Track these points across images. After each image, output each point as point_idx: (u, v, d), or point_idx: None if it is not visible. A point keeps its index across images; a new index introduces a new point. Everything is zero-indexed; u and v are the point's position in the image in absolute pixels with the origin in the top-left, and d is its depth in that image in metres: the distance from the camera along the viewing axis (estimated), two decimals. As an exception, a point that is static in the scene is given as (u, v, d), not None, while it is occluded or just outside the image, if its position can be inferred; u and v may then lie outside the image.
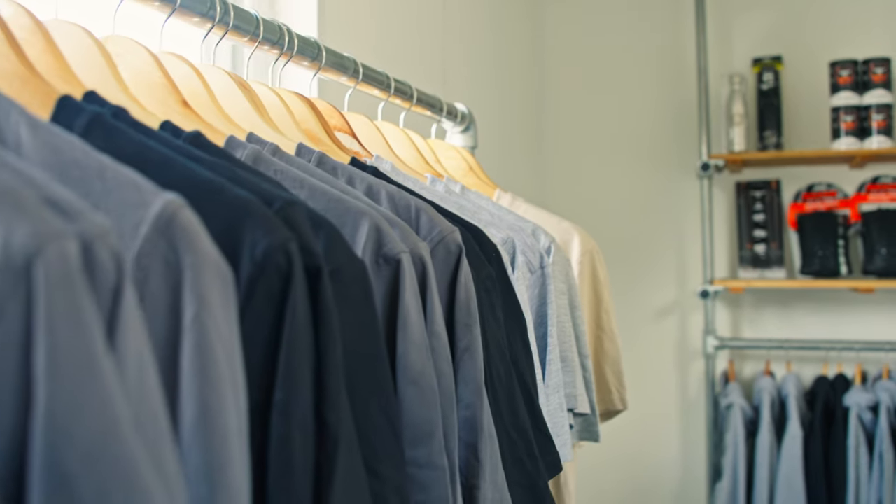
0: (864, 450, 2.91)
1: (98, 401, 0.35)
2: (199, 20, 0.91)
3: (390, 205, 0.82)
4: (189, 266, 0.45)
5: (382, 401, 0.62)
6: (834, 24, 3.27)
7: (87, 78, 0.69)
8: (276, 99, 0.96)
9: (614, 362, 1.52)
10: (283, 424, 0.51)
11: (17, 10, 0.65)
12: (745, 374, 3.36)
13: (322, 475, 0.53)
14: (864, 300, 3.21)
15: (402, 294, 0.69)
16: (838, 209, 3.23)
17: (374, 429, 0.61)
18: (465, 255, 0.81)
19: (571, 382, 1.23)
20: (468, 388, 0.78)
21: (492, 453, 0.80)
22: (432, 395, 0.69)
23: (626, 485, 3.44)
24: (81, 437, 0.34)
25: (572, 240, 1.48)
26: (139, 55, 0.78)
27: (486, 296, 0.89)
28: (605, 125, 3.53)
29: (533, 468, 0.91)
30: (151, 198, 0.46)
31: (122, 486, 0.35)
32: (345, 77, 1.19)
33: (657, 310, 3.46)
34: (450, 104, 1.56)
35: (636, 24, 3.49)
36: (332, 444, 0.53)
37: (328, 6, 1.65)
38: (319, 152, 0.85)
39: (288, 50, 1.02)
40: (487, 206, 1.24)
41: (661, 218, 3.46)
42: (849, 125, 3.06)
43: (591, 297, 1.50)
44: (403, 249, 0.70)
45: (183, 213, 0.46)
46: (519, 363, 0.96)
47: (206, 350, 0.45)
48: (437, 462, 0.68)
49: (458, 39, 2.41)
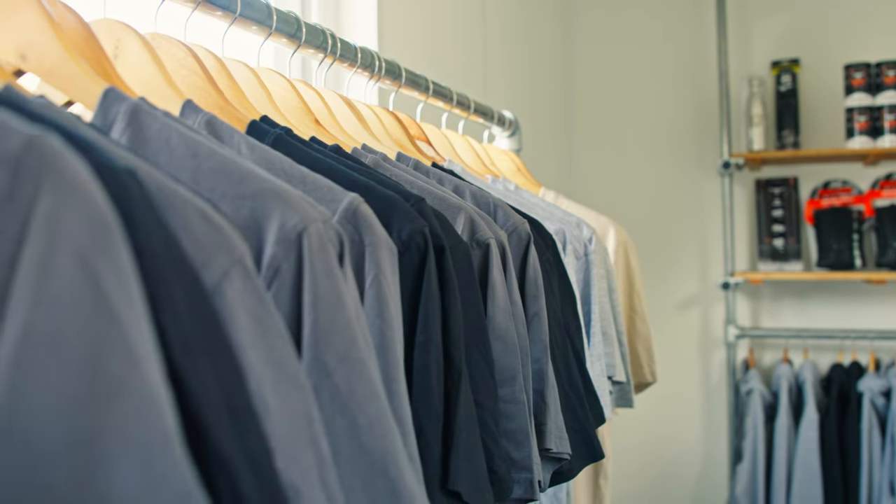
0: (876, 433, 2.97)
1: (344, 322, 0.55)
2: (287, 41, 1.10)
3: (473, 201, 1.02)
4: (368, 243, 0.65)
5: (482, 348, 0.82)
6: (848, 28, 3.33)
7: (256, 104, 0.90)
8: (371, 113, 1.16)
9: (645, 340, 1.72)
10: (423, 358, 0.71)
11: (206, 54, 0.86)
12: (765, 361, 3.43)
13: (450, 396, 0.73)
14: (877, 291, 3.28)
15: (490, 270, 0.89)
16: (853, 205, 3.28)
17: (476, 369, 0.81)
18: (532, 242, 1.01)
19: (611, 353, 1.42)
20: (537, 346, 0.98)
21: (554, 399, 1.00)
22: (514, 348, 0.89)
23: (652, 466, 3.52)
24: (336, 345, 0.55)
25: (608, 232, 1.67)
26: (280, 83, 0.98)
27: (546, 275, 1.09)
28: (631, 126, 3.61)
29: (584, 417, 1.10)
30: (341, 195, 0.66)
31: (361, 377, 0.55)
32: (416, 92, 1.39)
33: (681, 301, 3.54)
34: (499, 112, 1.76)
35: (660, 31, 3.57)
36: (456, 374, 0.73)
37: (386, 25, 1.85)
38: (415, 159, 1.06)
39: (378, 71, 1.22)
40: (538, 202, 1.44)
41: (684, 213, 3.53)
42: (862, 125, 3.12)
43: (625, 283, 1.70)
44: (490, 236, 0.90)
45: (363, 206, 0.66)
46: (571, 331, 1.16)
47: (382, 300, 0.65)
48: (519, 398, 0.88)
49: (497, 50, 2.59)
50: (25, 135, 0.38)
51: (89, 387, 0.35)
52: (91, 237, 0.37)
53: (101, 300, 0.36)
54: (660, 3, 3.60)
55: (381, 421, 0.55)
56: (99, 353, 0.35)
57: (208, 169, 0.57)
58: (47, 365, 0.35)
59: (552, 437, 0.96)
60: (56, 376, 0.35)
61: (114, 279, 0.36)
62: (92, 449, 0.35)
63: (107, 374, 0.35)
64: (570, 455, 1.01)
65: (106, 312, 0.36)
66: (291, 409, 0.48)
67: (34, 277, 0.36)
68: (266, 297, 0.48)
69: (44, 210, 0.37)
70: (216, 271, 0.46)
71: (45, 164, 0.37)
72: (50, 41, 0.64)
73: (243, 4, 0.92)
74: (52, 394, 0.35)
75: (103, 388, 0.35)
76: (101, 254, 0.37)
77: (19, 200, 0.37)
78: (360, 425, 0.55)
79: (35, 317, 0.36)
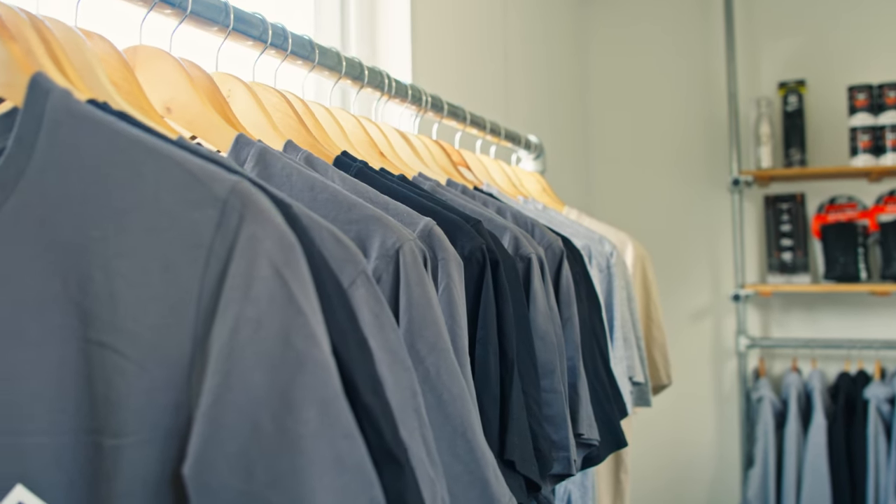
0: (882, 438, 3.04)
1: (432, 320, 0.71)
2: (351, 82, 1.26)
3: (514, 221, 1.18)
4: (441, 258, 0.81)
5: (528, 345, 0.97)
6: (852, 51, 3.42)
7: (334, 140, 1.05)
8: (420, 143, 1.32)
9: (661, 346, 1.86)
10: (483, 351, 0.86)
11: (293, 98, 1.01)
12: (775, 370, 3.52)
13: (504, 383, 0.88)
14: (882, 303, 3.37)
15: (532, 280, 1.04)
16: (858, 220, 3.36)
17: (522, 363, 0.96)
18: (565, 257, 1.16)
19: (631, 356, 1.57)
20: (570, 345, 1.13)
21: (585, 392, 1.14)
22: (552, 347, 1.04)
23: (667, 470, 3.62)
24: (426, 337, 0.70)
25: (627, 247, 1.82)
26: (349, 120, 1.14)
27: (575, 286, 1.24)
28: (644, 146, 3.73)
29: (609, 410, 1.25)
30: (417, 219, 0.82)
31: (446, 363, 0.71)
32: (455, 121, 1.55)
33: (693, 312, 3.64)
34: (526, 137, 1.92)
35: (671, 55, 3.70)
36: (510, 365, 0.88)
37: (418, 54, 2.01)
38: (462, 185, 1.21)
39: (424, 105, 1.38)
40: (564, 221, 1.59)
41: (696, 229, 3.65)
42: (865, 143, 3.22)
43: (642, 294, 1.84)
44: (532, 251, 1.06)
45: (435, 227, 0.82)
46: (597, 335, 1.31)
47: (452, 304, 0.80)
48: (557, 388, 1.03)
49: (517, 76, 2.74)
50: (230, 181, 0.54)
51: (282, 357, 0.51)
52: (281, 252, 0.52)
53: (289, 298, 0.51)
54: (670, 29, 3.72)
55: (461, 397, 0.71)
56: (289, 334, 0.51)
57: (323, 199, 0.73)
58: (254, 340, 0.51)
59: (584, 423, 1.11)
60: (259, 348, 0.51)
61: (298, 283, 0.52)
62: (285, 398, 0.50)
63: (295, 348, 0.51)
64: (598, 441, 1.15)
65: (294, 306, 0.51)
66: (400, 385, 0.63)
67: (242, 281, 0.52)
68: (382, 299, 0.64)
69: (246, 235, 0.52)
70: (347, 279, 0.61)
71: (245, 202, 0.53)
72: (191, 97, 0.79)
73: (318, 51, 1.08)
74: (257, 359, 0.50)
75: (293, 358, 0.51)
76: (288, 265, 0.52)
77: (226, 229, 0.53)
78: (446, 400, 0.70)
79: (244, 309, 0.51)
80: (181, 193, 0.54)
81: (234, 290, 0.52)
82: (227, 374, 0.50)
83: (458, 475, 0.70)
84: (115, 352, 0.54)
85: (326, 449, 0.50)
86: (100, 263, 0.55)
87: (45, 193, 0.57)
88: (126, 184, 0.55)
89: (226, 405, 0.50)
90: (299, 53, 1.04)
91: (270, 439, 0.49)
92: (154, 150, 0.56)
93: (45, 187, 0.57)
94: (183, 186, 0.54)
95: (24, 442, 0.56)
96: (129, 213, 0.55)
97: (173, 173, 0.54)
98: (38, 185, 0.57)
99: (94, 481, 0.56)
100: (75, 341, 0.56)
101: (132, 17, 0.93)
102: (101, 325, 0.55)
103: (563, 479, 1.05)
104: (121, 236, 0.55)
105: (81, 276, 0.56)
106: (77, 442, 0.56)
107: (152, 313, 0.54)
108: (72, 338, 0.56)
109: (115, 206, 0.55)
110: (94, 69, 0.67)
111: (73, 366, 0.56)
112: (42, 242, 0.57)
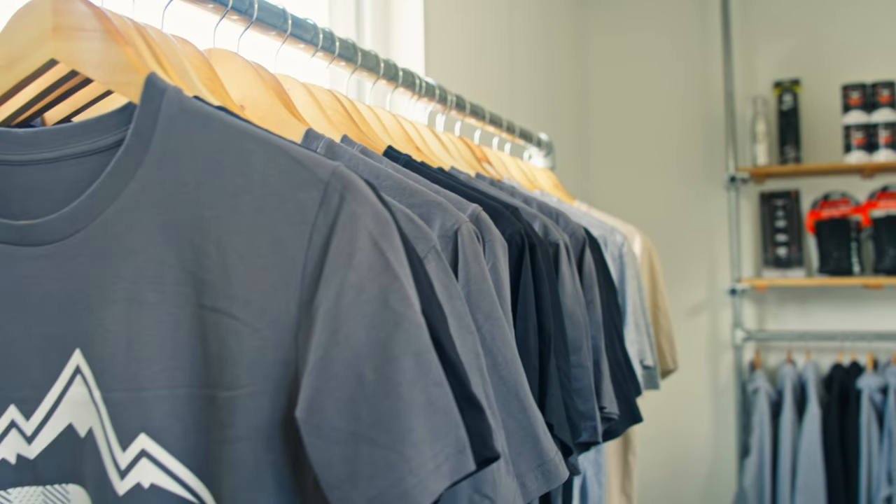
0: (874, 427, 3.15)
1: (487, 292, 0.79)
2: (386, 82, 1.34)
3: (540, 210, 1.26)
4: (488, 240, 0.89)
5: (559, 323, 1.06)
6: (845, 51, 3.52)
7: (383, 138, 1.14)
8: (448, 140, 1.40)
9: (667, 334, 1.95)
10: (523, 325, 0.95)
11: (340, 96, 1.10)
12: (770, 362, 3.61)
13: (542, 354, 0.96)
14: (874, 296, 3.46)
15: (560, 264, 1.13)
16: (851, 215, 3.45)
17: (555, 338, 1.04)
18: (587, 244, 1.25)
19: (641, 341, 1.66)
20: (593, 325, 1.22)
21: (606, 369, 1.23)
22: (579, 325, 1.12)
23: (666, 459, 3.70)
24: (483, 308, 0.78)
25: (635, 239, 1.91)
26: (387, 117, 1.22)
27: (594, 271, 1.33)
28: (643, 143, 3.81)
29: (626, 388, 1.34)
30: (466, 205, 0.90)
31: (500, 330, 0.79)
32: (475, 119, 1.64)
33: (691, 306, 3.72)
34: (537, 135, 2.01)
35: (669, 55, 3.79)
36: (547, 338, 0.97)
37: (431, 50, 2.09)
38: (489, 178, 1.30)
39: (449, 105, 1.47)
40: (579, 213, 1.67)
41: (693, 225, 3.74)
42: (859, 141, 3.31)
43: (649, 283, 1.93)
44: (559, 238, 1.14)
45: (482, 213, 0.90)
46: (614, 318, 1.39)
47: (498, 281, 0.88)
48: (584, 364, 1.11)
49: (520, 73, 2.83)
50: (332, 165, 0.62)
51: (382, 316, 0.59)
52: (378, 226, 0.61)
53: (386, 265, 0.60)
54: (668, 30, 3.80)
55: (514, 360, 0.79)
56: (387, 297, 0.59)
57: (388, 187, 0.81)
58: (357, 303, 0.59)
59: (606, 397, 1.20)
60: (362, 309, 0.59)
61: (393, 253, 0.60)
62: (385, 351, 0.58)
63: (392, 309, 0.59)
64: (617, 416, 1.24)
65: (391, 273, 0.60)
66: (466, 347, 0.72)
67: (345, 252, 0.60)
68: (450, 271, 0.72)
69: (347, 212, 0.61)
70: (420, 253, 0.70)
71: (346, 184, 0.61)
72: (262, 95, 0.87)
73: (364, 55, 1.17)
74: (360, 319, 0.59)
75: (391, 317, 0.59)
76: (384, 237, 0.60)
77: (328, 207, 0.61)
78: (500, 363, 0.78)
79: (347, 276, 0.60)
80: (287, 177, 0.62)
81: (339, 260, 0.60)
82: (335, 332, 0.58)
83: (513, 431, 0.79)
84: (230, 316, 0.62)
85: (420, 394, 0.58)
86: (213, 239, 0.63)
87: (162, 179, 0.65)
88: (236, 170, 0.63)
89: (334, 358, 0.58)
90: (344, 55, 1.13)
91: (373, 387, 0.58)
92: (261, 139, 0.64)
93: (161, 174, 0.65)
94: (289, 171, 0.62)
95: (145, 396, 0.64)
96: (240, 195, 0.63)
97: (279, 160, 0.63)
98: (155, 171, 0.65)
99: (207, 429, 0.64)
100: (190, 307, 0.64)
101: (185, 20, 1.02)
102: (215, 293, 0.63)
103: (588, 447, 1.14)
104: (233, 215, 0.63)
105: (196, 251, 0.64)
106: (191, 395, 0.65)
107: (262, 282, 0.62)
108: (186, 304, 0.64)
109: (227, 189, 0.63)
110: (187, 70, 0.76)
111: (187, 328, 0.64)
112: (159, 222, 0.65)
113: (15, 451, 0.69)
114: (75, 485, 0.69)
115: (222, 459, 0.63)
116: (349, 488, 0.57)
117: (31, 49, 0.69)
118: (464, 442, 0.59)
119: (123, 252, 0.65)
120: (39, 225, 0.67)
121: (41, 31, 0.68)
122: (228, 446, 0.62)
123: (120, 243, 0.65)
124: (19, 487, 0.69)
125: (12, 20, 0.70)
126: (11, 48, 0.69)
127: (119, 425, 0.65)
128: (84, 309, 0.66)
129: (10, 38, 0.69)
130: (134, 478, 0.64)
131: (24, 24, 0.69)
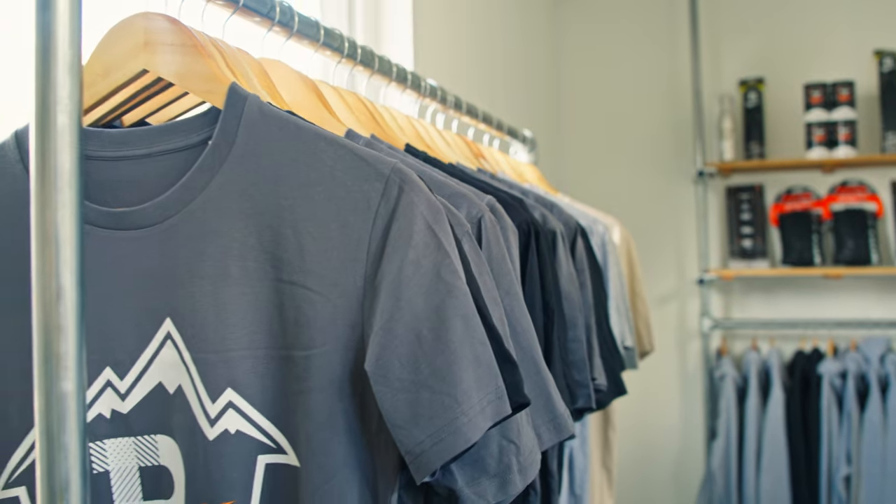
0: (834, 410, 3.27)
1: (507, 270, 0.92)
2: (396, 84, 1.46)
3: (537, 201, 1.39)
4: (501, 227, 1.02)
5: (558, 302, 1.19)
6: (807, 51, 3.63)
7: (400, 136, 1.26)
8: (450, 137, 1.53)
9: (645, 318, 2.09)
10: (531, 301, 1.07)
11: (364, 98, 1.21)
12: (736, 349, 3.73)
13: (547, 328, 1.09)
14: (834, 285, 3.58)
15: (557, 249, 1.26)
16: (813, 209, 3.55)
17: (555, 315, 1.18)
18: (580, 232, 1.38)
19: (622, 324, 1.79)
20: (585, 305, 1.35)
21: (596, 344, 1.36)
22: (574, 304, 1.25)
23: (637, 444, 3.79)
24: (503, 284, 0.91)
25: (615, 229, 2.05)
26: (401, 117, 1.34)
27: (585, 257, 1.46)
28: (614, 139, 3.91)
29: (612, 362, 1.47)
30: (483, 196, 1.03)
31: (518, 304, 0.92)
32: (467, 117, 1.76)
33: (660, 296, 3.82)
34: (522, 132, 2.14)
35: (640, 53, 3.89)
36: (551, 313, 1.10)
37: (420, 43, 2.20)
38: (490, 172, 1.43)
39: (449, 105, 1.59)
40: (564, 204, 1.80)
41: (663, 217, 3.84)
42: (820, 137, 3.43)
43: (628, 271, 2.07)
44: (556, 226, 1.27)
45: (497, 203, 1.03)
46: (601, 300, 1.53)
47: (511, 263, 1.01)
48: (580, 338, 1.24)
49: (499, 69, 2.94)
50: (391, 162, 0.75)
51: (436, 286, 0.72)
52: (431, 213, 0.73)
53: (439, 245, 0.72)
54: (639, 30, 3.91)
55: (529, 329, 0.92)
56: (440, 270, 0.72)
57: (420, 180, 0.94)
58: (415, 275, 0.72)
59: (597, 370, 1.33)
60: (420, 280, 0.71)
61: (444, 234, 0.73)
62: (439, 314, 0.71)
63: (444, 280, 0.72)
64: (605, 387, 1.38)
65: (442, 251, 0.72)
66: (494, 315, 0.84)
67: (405, 234, 0.73)
68: (480, 252, 0.85)
69: (406, 201, 0.73)
70: (457, 236, 0.82)
71: (404, 178, 0.74)
72: (306, 98, 0.99)
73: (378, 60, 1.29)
74: (418, 288, 0.71)
75: (443, 287, 0.72)
76: (437, 221, 0.73)
77: (388, 197, 0.74)
78: (518, 332, 0.91)
79: (406, 253, 0.72)
80: (354, 171, 0.75)
81: (399, 240, 0.72)
82: (397, 299, 0.71)
83: (529, 390, 0.91)
84: (305, 288, 0.75)
85: (468, 350, 0.71)
86: (289, 224, 0.76)
87: (244, 173, 0.77)
88: (310, 165, 0.76)
89: (397, 321, 0.71)
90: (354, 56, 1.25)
91: (429, 344, 0.70)
92: (330, 139, 0.76)
93: (243, 168, 0.77)
94: (354, 166, 0.75)
95: (230, 356, 0.77)
96: (312, 186, 0.75)
97: (346, 157, 0.75)
98: (239, 166, 0.77)
99: (284, 384, 0.76)
100: (269, 281, 0.77)
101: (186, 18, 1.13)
102: (292, 269, 0.76)
103: (582, 415, 1.27)
104: (306, 204, 0.75)
105: (274, 234, 0.76)
106: (268, 356, 0.77)
107: (333, 259, 0.74)
108: (265, 279, 0.77)
109: (301, 181, 0.76)
110: (251, 77, 0.88)
111: (266, 299, 0.77)
112: (241, 209, 0.77)
113: (110, 407, 0.80)
114: (163, 435, 0.81)
115: (298, 408, 0.75)
116: (412, 427, 0.70)
117: (125, 60, 0.80)
118: (502, 390, 0.72)
119: (210, 235, 0.77)
120: (135, 212, 0.79)
121: (134, 44, 0.80)
122: (305, 397, 0.75)
123: (207, 227, 0.77)
124: (113, 438, 0.81)
125: (107, 36, 0.81)
126: (107, 59, 0.81)
127: (208, 381, 0.77)
128: (175, 284, 0.78)
129: (107, 51, 0.81)
130: (222, 425, 0.76)
131: (118, 39, 0.80)
